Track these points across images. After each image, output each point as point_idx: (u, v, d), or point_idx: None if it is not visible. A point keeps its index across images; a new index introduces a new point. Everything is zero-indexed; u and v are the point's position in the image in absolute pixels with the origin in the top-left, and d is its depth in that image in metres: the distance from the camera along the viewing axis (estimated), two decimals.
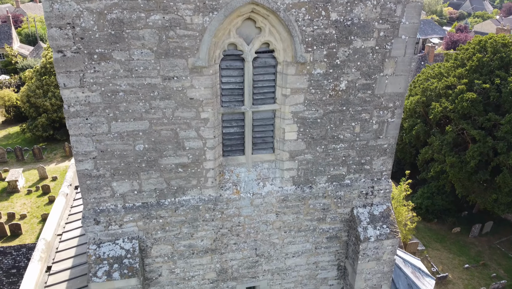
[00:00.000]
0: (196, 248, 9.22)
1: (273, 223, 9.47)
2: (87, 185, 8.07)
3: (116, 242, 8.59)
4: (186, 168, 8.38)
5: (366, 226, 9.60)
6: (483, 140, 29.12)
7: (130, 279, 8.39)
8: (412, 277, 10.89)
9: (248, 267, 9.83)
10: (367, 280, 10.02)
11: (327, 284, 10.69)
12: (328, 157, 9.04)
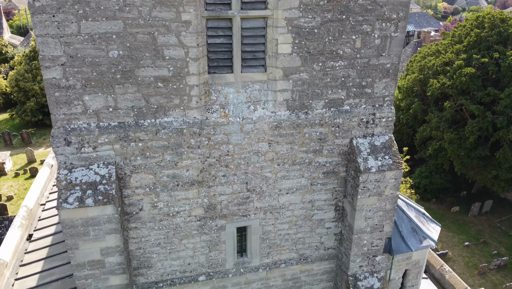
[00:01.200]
0: (181, 179, 8.37)
1: (265, 154, 8.63)
2: (56, 97, 7.19)
3: (90, 167, 7.72)
4: (167, 83, 7.52)
5: (367, 157, 8.78)
6: (482, 115, 28.45)
7: (105, 206, 7.53)
8: (416, 221, 10.10)
9: (238, 204, 8.98)
10: (367, 219, 9.21)
11: (324, 226, 9.87)
12: (326, 76, 8.21)
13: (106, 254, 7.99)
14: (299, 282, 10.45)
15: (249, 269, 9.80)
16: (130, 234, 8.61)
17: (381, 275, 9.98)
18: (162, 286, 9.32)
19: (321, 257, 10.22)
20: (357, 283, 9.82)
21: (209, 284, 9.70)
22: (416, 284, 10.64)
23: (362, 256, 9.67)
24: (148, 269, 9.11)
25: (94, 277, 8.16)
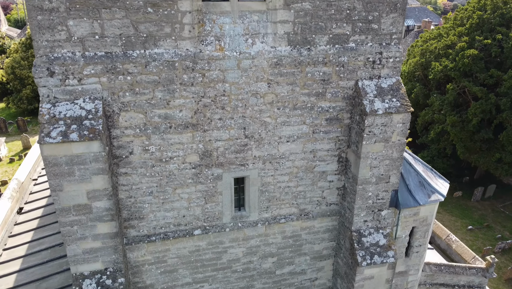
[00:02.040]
0: (173, 121, 7.80)
1: (264, 96, 8.06)
2: (38, 21, 6.61)
3: (75, 102, 7.15)
4: (157, 8, 6.95)
5: (373, 99, 8.22)
6: (485, 97, 27.91)
7: (91, 142, 6.95)
8: (424, 175, 9.55)
9: (236, 151, 8.42)
10: (373, 168, 8.65)
11: (326, 179, 9.31)
12: (330, 8, 7.64)
13: (93, 197, 7.43)
14: (299, 240, 9.89)
15: (247, 224, 9.24)
16: (120, 180, 8.04)
17: (387, 231, 9.43)
18: (154, 240, 8.76)
19: (323, 213, 9.66)
20: (361, 239, 9.26)
21: (205, 239, 9.15)
22: (423, 244, 10.09)
23: (367, 210, 9.12)
24: (140, 220, 8.55)
25: (80, 223, 7.60)
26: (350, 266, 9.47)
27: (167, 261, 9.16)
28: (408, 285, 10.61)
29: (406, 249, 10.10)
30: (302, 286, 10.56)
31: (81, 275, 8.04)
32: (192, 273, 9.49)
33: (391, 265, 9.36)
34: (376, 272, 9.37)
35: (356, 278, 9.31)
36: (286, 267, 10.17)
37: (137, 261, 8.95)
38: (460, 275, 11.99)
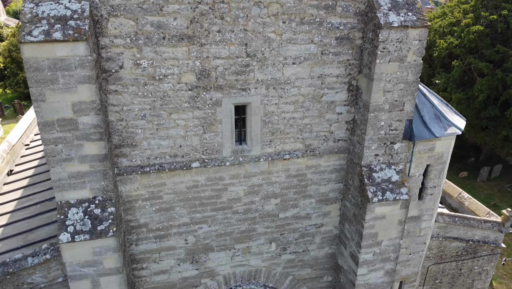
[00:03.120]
0: (167, 31, 7.09)
1: (268, 6, 7.35)
2: None
3: (60, 1, 6.44)
4: None
5: (387, 12, 7.51)
6: (491, 73, 27.19)
7: (76, 44, 6.25)
8: (439, 108, 8.85)
9: (236, 72, 7.71)
10: (386, 93, 7.95)
11: (334, 111, 8.61)
12: None
13: (79, 111, 6.72)
14: (304, 180, 9.19)
15: (249, 159, 8.54)
16: (109, 100, 7.34)
17: (400, 168, 8.73)
18: (149, 171, 8.06)
19: (330, 149, 8.96)
20: (372, 174, 8.57)
21: (203, 174, 8.45)
22: (438, 186, 9.39)
23: (379, 142, 8.42)
24: (132, 148, 7.84)
25: (65, 142, 6.89)
26: (359, 206, 8.77)
27: (163, 197, 8.46)
28: (421, 233, 9.91)
29: (420, 191, 9.41)
30: (307, 233, 9.86)
31: (66, 204, 7.35)
32: (190, 212, 8.79)
33: (404, 203, 8.67)
34: (388, 211, 8.68)
35: (366, 218, 8.61)
36: (290, 210, 9.47)
37: (129, 196, 8.25)
38: (474, 229, 11.29)
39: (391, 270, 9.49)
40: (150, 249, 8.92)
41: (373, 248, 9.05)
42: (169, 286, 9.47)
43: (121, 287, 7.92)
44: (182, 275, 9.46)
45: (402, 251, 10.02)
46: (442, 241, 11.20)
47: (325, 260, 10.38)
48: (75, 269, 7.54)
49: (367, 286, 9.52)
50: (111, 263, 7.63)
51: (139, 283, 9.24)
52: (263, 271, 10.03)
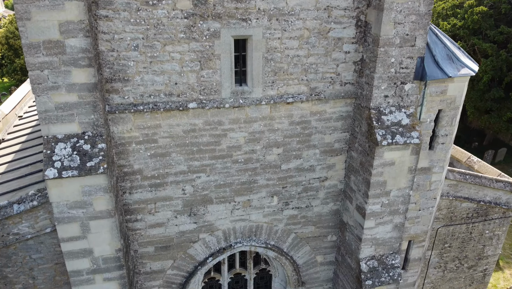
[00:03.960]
0: None
1: None
2: None
3: None
4: None
5: None
6: (495, 54, 26.74)
7: None
8: (452, 48, 8.33)
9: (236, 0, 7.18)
10: (397, 25, 7.42)
11: (342, 49, 8.08)
12: None
13: (66, 32, 6.19)
14: (308, 128, 8.67)
15: (250, 101, 8.01)
16: (100, 26, 6.80)
17: (411, 111, 8.21)
18: (142, 110, 7.53)
19: (337, 94, 8.44)
20: (381, 117, 8.05)
21: (201, 116, 7.92)
22: (450, 134, 8.87)
23: (388, 81, 7.90)
24: (124, 83, 7.31)
25: (51, 67, 6.37)
26: (367, 152, 8.25)
27: (158, 141, 7.94)
28: (431, 187, 9.39)
29: (430, 140, 8.89)
30: (310, 187, 9.34)
31: (53, 138, 6.82)
32: (188, 159, 8.26)
33: (415, 148, 8.15)
34: (397, 157, 8.16)
35: (375, 164, 8.09)
36: (293, 161, 8.95)
37: (122, 138, 7.73)
38: (486, 189, 10.78)
39: (400, 224, 8.98)
40: (145, 198, 8.40)
41: (381, 199, 8.54)
42: (165, 240, 8.95)
43: (113, 233, 7.40)
44: (180, 229, 8.94)
45: (411, 207, 9.50)
46: (452, 201, 10.68)
47: (329, 217, 9.86)
48: (62, 211, 7.01)
49: (375, 241, 9.00)
50: (102, 205, 7.11)
51: (133, 236, 8.72)
52: (264, 228, 9.52)
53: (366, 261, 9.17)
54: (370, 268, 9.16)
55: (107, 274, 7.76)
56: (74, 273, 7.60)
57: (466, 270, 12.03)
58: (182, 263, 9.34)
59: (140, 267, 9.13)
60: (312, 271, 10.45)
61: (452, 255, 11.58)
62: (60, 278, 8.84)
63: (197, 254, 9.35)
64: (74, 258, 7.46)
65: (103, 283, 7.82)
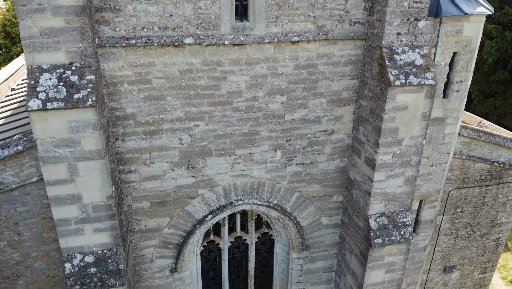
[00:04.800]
0: None
1: None
2: None
3: None
4: None
5: None
6: (500, 36, 26.21)
7: None
8: None
9: None
10: None
11: None
12: None
13: None
14: (315, 74, 8.09)
15: (252, 39, 7.43)
16: None
17: (425, 51, 7.63)
18: (135, 44, 6.94)
19: (346, 34, 7.86)
20: (393, 56, 7.47)
21: (198, 55, 7.34)
22: (465, 81, 8.30)
23: (401, 17, 7.32)
24: (116, 14, 6.73)
25: None
26: (378, 96, 7.68)
27: (152, 81, 7.36)
28: (444, 140, 8.82)
29: (444, 88, 8.32)
30: (316, 141, 8.76)
31: (38, 68, 6.24)
32: (184, 104, 7.68)
33: (429, 91, 7.58)
34: (410, 100, 7.59)
35: (386, 107, 7.52)
36: (298, 112, 8.37)
37: (113, 76, 7.14)
38: (500, 148, 10.21)
39: (412, 178, 8.40)
40: (139, 147, 7.82)
41: (393, 148, 7.96)
42: (161, 195, 8.37)
43: (104, 177, 6.82)
44: (177, 183, 8.36)
45: (424, 162, 8.93)
46: (465, 161, 10.11)
47: (335, 175, 9.28)
48: (48, 149, 6.43)
49: (385, 196, 8.43)
50: (91, 144, 6.53)
51: (127, 190, 8.14)
52: (266, 185, 8.94)
53: (376, 218, 8.60)
54: (380, 226, 8.59)
55: (97, 224, 7.18)
56: (61, 222, 7.02)
57: (478, 238, 11.46)
58: (179, 221, 8.76)
59: (134, 225, 8.55)
60: (317, 234, 9.87)
61: (464, 221, 11.01)
62: (48, 235, 8.26)
63: (195, 211, 8.77)
64: (61, 204, 6.88)
65: (93, 234, 7.25)
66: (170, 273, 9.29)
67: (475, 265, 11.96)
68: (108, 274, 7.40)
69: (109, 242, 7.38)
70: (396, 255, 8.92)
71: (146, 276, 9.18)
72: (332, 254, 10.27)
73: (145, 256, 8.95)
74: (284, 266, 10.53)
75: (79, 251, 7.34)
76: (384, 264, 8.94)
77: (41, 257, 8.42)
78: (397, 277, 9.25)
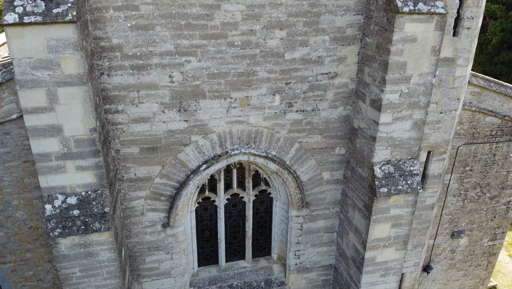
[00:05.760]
0: None
1: None
2: None
3: None
4: None
5: None
6: (505, 16, 25.68)
7: None
8: None
9: None
10: None
11: None
12: None
13: None
14: (317, 6, 7.53)
15: None
16: None
17: None
18: None
19: None
20: None
21: None
22: (476, 17, 7.74)
23: None
24: None
25: None
26: (385, 27, 7.12)
27: (140, 8, 6.80)
28: (454, 84, 8.27)
29: (455, 24, 7.76)
30: (318, 85, 8.21)
31: None
32: (175, 36, 7.12)
33: (440, 23, 7.01)
34: (419, 31, 7.03)
35: (394, 38, 6.96)
36: (299, 50, 7.81)
37: (98, 1, 6.58)
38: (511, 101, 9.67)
39: (420, 121, 7.84)
40: (127, 84, 7.26)
41: (400, 86, 7.40)
42: (152, 140, 7.82)
43: (86, 107, 6.26)
44: (168, 127, 7.80)
45: (432, 108, 8.38)
46: (475, 113, 9.54)
47: (337, 125, 8.73)
48: (25, 72, 5.88)
49: (391, 141, 7.87)
50: (72, 67, 5.97)
51: (114, 132, 7.59)
52: (264, 134, 8.38)
53: (381, 166, 8.04)
54: (385, 174, 8.03)
55: (80, 161, 6.62)
56: (40, 157, 6.46)
57: (488, 200, 10.90)
58: (172, 171, 8.20)
59: (123, 173, 7.99)
60: (318, 190, 9.31)
61: (473, 181, 10.45)
62: (30, 181, 7.71)
63: (188, 160, 8.21)
64: (40, 136, 6.32)
65: (75, 172, 6.69)
66: (162, 228, 8.74)
67: (484, 231, 11.40)
68: (93, 218, 6.85)
69: (94, 182, 6.83)
70: (403, 207, 8.37)
71: (137, 230, 8.63)
72: (334, 213, 9.71)
73: (135, 209, 8.39)
74: (283, 227, 9.97)
75: (61, 192, 6.78)
76: (389, 217, 8.38)
77: (23, 205, 7.87)
78: (403, 232, 8.69)
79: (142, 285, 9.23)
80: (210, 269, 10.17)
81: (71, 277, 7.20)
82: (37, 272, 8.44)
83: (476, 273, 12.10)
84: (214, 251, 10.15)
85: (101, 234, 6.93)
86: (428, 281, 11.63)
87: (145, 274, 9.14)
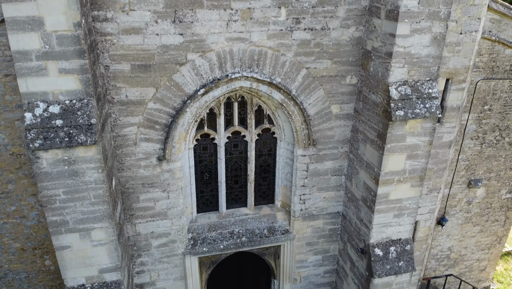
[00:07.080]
0: None
1: None
2: None
3: None
4: None
5: None
6: None
7: None
8: None
9: None
10: None
11: None
12: None
13: None
14: None
15: None
16: None
17: None
18: None
19: None
20: None
21: None
22: None
23: None
24: None
25: None
26: None
27: None
28: (475, 0, 7.55)
29: None
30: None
31: None
32: None
33: None
34: None
35: None
36: None
37: None
38: None
39: (441, 36, 7.12)
40: None
41: None
42: (144, 56, 7.11)
43: None
44: (162, 41, 7.09)
45: (451, 27, 7.67)
46: (495, 44, 8.82)
47: (349, 48, 8.01)
48: None
49: (408, 58, 7.16)
50: None
51: (103, 44, 6.88)
52: (269, 55, 7.67)
53: (397, 86, 7.32)
54: (402, 95, 7.32)
55: (63, 62, 5.92)
56: (19, 55, 5.76)
57: (507, 146, 10.17)
58: (166, 94, 7.50)
59: (113, 94, 7.29)
60: (326, 126, 8.60)
61: (492, 122, 9.73)
62: (12, 98, 7.03)
63: (185, 83, 7.50)
64: (20, 30, 5.62)
65: (58, 76, 5.99)
66: (157, 161, 8.03)
67: (503, 181, 10.67)
68: (78, 129, 6.14)
69: (79, 89, 6.12)
70: (420, 135, 7.65)
71: (129, 163, 7.92)
72: (343, 153, 8.99)
73: (127, 137, 7.69)
74: (287, 170, 9.25)
75: (43, 99, 6.08)
76: (405, 147, 7.67)
77: (4, 128, 7.17)
78: (420, 166, 7.97)
79: (136, 226, 8.52)
80: (210, 215, 9.46)
81: (54, 200, 6.49)
82: (20, 207, 7.73)
83: (493, 230, 11.36)
84: (214, 196, 9.44)
85: (87, 148, 6.22)
86: (443, 236, 10.90)
87: (139, 214, 8.43)
